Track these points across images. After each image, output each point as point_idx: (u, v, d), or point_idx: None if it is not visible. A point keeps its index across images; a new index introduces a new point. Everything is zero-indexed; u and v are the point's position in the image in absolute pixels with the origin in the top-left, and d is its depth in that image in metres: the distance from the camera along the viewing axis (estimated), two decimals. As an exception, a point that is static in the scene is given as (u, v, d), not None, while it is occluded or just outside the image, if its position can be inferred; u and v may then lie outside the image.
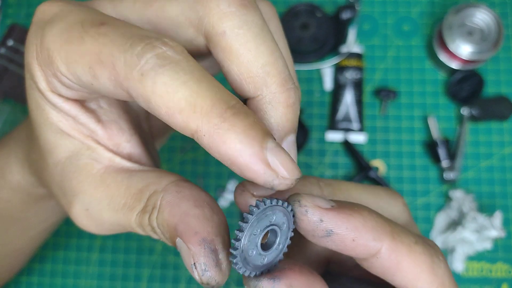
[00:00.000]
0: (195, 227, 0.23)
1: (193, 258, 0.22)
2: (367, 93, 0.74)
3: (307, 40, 0.74)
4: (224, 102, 0.20)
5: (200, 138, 0.21)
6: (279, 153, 0.21)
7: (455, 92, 0.72)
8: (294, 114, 0.24)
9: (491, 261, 0.69)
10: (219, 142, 0.20)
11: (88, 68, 0.22)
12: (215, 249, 0.22)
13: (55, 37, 0.23)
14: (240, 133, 0.20)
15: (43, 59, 0.24)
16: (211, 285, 0.22)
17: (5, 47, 0.75)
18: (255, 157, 0.20)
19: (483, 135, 0.72)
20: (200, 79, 0.21)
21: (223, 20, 0.23)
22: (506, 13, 0.75)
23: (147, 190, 0.25)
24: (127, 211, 0.25)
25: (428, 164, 0.72)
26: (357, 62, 0.73)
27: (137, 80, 0.21)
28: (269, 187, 0.21)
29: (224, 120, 0.20)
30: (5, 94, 0.74)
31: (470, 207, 0.67)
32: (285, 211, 0.22)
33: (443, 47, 0.70)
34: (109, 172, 0.27)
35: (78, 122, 0.27)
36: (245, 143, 0.20)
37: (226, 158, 0.20)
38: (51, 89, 0.25)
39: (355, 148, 0.72)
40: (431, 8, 0.76)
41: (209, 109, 0.20)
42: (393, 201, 0.27)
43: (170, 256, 0.72)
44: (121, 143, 0.28)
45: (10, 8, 0.81)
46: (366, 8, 0.76)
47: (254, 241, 0.22)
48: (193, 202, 0.24)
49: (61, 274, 0.72)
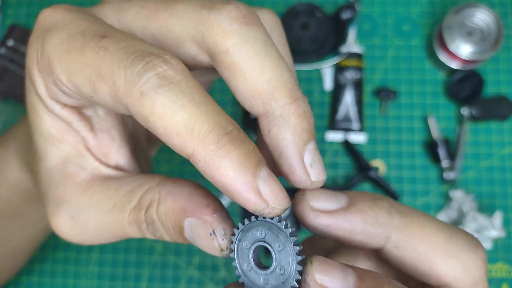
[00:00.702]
0: (204, 202, 0.24)
1: (211, 226, 0.23)
2: (367, 93, 0.74)
3: (307, 40, 0.74)
4: (221, 128, 0.21)
5: (196, 162, 0.21)
6: (271, 182, 0.21)
7: (455, 92, 0.72)
8: (308, 123, 0.24)
9: (491, 261, 0.69)
10: (214, 169, 0.21)
11: (88, 81, 0.22)
12: (228, 216, 0.24)
13: (56, 46, 0.23)
14: (235, 161, 0.20)
15: (44, 67, 0.24)
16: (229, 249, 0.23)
17: (5, 47, 0.75)
18: (247, 186, 0.21)
19: (483, 135, 0.72)
20: (199, 102, 0.21)
21: (225, 38, 0.23)
22: (506, 13, 0.75)
23: (139, 190, 0.26)
24: (118, 212, 0.26)
25: (428, 164, 0.72)
26: (357, 62, 0.73)
27: (137, 99, 0.21)
28: (259, 214, 0.22)
29: (220, 147, 0.20)
30: (5, 94, 0.75)
31: (470, 207, 0.67)
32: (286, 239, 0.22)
33: (443, 47, 0.70)
34: (94, 180, 0.27)
35: (71, 129, 0.27)
36: (238, 171, 0.20)
37: (220, 184, 0.21)
38: (50, 95, 0.25)
39: (355, 148, 0.72)
40: (431, 8, 0.76)
41: (206, 135, 0.20)
42: (471, 254, 0.23)
43: (170, 256, 0.72)
44: (110, 153, 0.29)
45: (10, 8, 0.81)
46: (366, 8, 0.76)
47: (246, 254, 0.23)
48: (193, 186, 0.25)
49: (61, 274, 0.72)
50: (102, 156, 0.28)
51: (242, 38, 0.23)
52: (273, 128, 0.24)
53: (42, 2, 0.81)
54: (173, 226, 0.24)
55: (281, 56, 0.24)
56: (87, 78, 0.22)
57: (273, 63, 0.23)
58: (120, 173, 0.28)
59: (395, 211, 0.23)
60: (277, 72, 0.23)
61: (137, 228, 0.25)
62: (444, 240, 0.23)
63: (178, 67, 0.21)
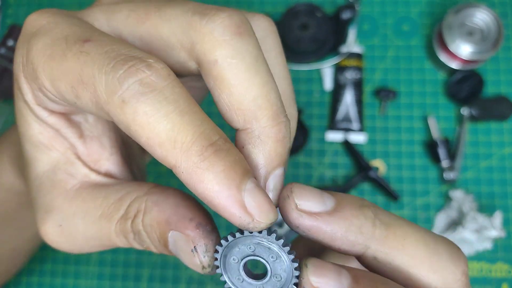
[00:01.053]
0: (189, 215, 0.23)
1: (193, 242, 0.22)
2: (367, 93, 0.74)
3: (307, 40, 0.74)
4: (205, 139, 0.20)
5: (179, 174, 0.20)
6: (257, 195, 0.20)
7: (455, 92, 0.72)
8: (284, 148, 0.24)
9: (491, 261, 0.69)
10: (197, 181, 0.20)
11: (70, 88, 0.22)
12: (211, 230, 0.23)
13: (40, 52, 0.23)
14: (219, 174, 0.20)
15: (29, 73, 0.24)
16: (211, 267, 0.23)
17: (5, 47, 0.75)
18: (232, 200, 0.20)
19: (482, 135, 0.72)
20: (183, 111, 0.20)
21: (216, 48, 0.22)
22: (506, 13, 0.75)
23: (127, 198, 0.25)
24: (105, 222, 0.25)
25: (428, 164, 0.72)
26: (357, 62, 0.73)
27: (118, 106, 0.20)
28: (244, 229, 0.21)
29: (203, 159, 0.20)
30: (5, 94, 0.75)
31: (470, 207, 0.67)
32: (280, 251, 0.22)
33: (443, 47, 0.70)
34: (84, 187, 0.27)
35: (60, 135, 0.27)
36: (222, 184, 0.20)
37: (203, 197, 0.20)
38: (37, 102, 0.25)
39: (355, 148, 0.72)
40: (430, 8, 0.76)
41: (189, 146, 0.20)
42: (451, 265, 0.23)
43: (170, 256, 0.72)
44: (100, 160, 0.28)
45: (10, 8, 0.81)
46: (365, 8, 0.76)
47: (236, 268, 0.22)
48: (180, 197, 0.24)
49: (61, 274, 0.72)
50: (92, 163, 0.28)
51: (233, 50, 0.22)
52: (247, 146, 0.23)
53: (42, 2, 0.81)
54: (158, 238, 0.23)
55: (271, 74, 0.23)
56: (69, 84, 0.22)
57: (262, 80, 0.23)
58: (110, 180, 0.27)
59: (380, 222, 0.22)
60: (264, 90, 0.23)
61: (124, 238, 0.25)
62: (425, 253, 0.22)
63: (162, 72, 0.21)
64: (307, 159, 0.73)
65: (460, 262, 0.23)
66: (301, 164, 0.73)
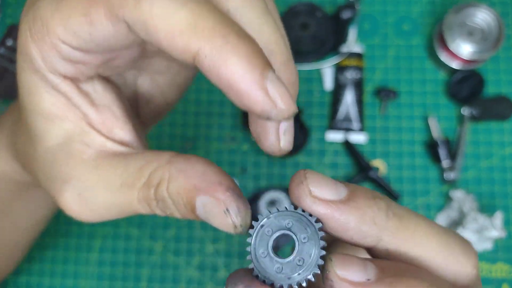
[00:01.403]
0: (217, 179, 0.23)
1: (225, 204, 0.23)
2: (367, 93, 0.74)
3: (307, 40, 0.73)
4: (227, 25, 0.20)
5: (201, 61, 0.20)
6: (278, 85, 0.20)
7: (456, 92, 0.72)
8: (295, 91, 0.25)
9: (491, 261, 0.69)
10: (221, 64, 0.19)
11: (84, 17, 0.22)
12: (241, 194, 0.24)
13: (47, 5, 0.23)
14: (243, 58, 0.19)
15: (38, 31, 0.24)
16: (244, 226, 0.23)
17: (5, 47, 0.75)
18: (255, 84, 0.20)
19: (483, 135, 0.72)
20: (200, 1, 0.20)
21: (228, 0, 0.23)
22: (506, 12, 0.75)
23: (148, 167, 0.25)
24: (127, 190, 0.25)
25: (428, 164, 0.72)
26: (357, 61, 0.73)
27: (132, 5, 0.20)
28: (266, 116, 0.21)
29: (227, 42, 0.19)
30: (5, 94, 0.74)
31: (470, 207, 0.67)
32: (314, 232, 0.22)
33: (443, 47, 0.70)
34: (102, 156, 0.27)
35: (72, 104, 0.26)
36: (247, 68, 0.19)
37: (225, 82, 0.20)
38: (48, 68, 0.25)
39: (355, 148, 0.72)
40: (431, 7, 0.76)
41: (212, 30, 0.20)
42: (463, 259, 0.23)
43: (170, 256, 0.72)
44: (114, 128, 0.28)
45: (10, 8, 0.81)
46: (366, 8, 0.76)
47: (265, 240, 0.23)
48: (206, 163, 0.24)
49: (60, 275, 0.72)
50: (107, 132, 0.27)
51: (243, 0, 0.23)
52: None
53: (42, 2, 0.81)
54: (184, 204, 0.24)
55: (278, 21, 0.24)
56: (81, 14, 0.22)
57: (271, 27, 0.24)
58: (127, 149, 0.27)
59: (393, 214, 0.22)
60: (274, 37, 0.24)
61: (147, 205, 0.25)
62: (438, 246, 0.22)
63: None
64: (307, 159, 0.73)
65: (472, 255, 0.23)
66: (301, 164, 0.73)
